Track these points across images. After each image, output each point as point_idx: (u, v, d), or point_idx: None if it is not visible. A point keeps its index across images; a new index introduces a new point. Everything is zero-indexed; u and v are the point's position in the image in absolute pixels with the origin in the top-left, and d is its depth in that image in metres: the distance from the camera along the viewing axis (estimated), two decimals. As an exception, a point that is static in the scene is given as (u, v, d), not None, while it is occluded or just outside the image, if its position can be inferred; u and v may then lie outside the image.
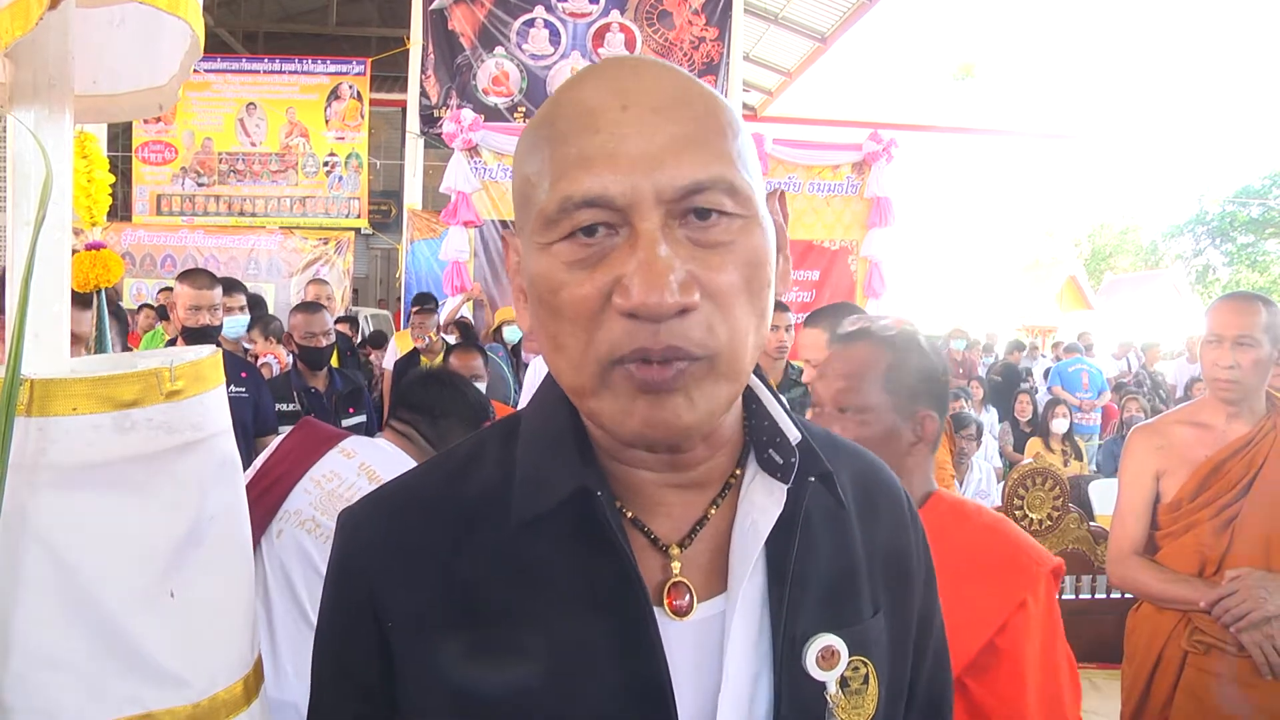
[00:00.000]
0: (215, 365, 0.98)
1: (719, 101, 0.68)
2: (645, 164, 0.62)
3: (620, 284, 0.62)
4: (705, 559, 0.75)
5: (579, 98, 0.66)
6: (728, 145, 0.66)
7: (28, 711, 0.82)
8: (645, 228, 0.62)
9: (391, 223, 14.22)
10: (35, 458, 0.82)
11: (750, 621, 0.74)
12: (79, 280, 1.30)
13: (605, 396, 0.66)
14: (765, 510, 0.74)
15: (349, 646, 0.78)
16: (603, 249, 0.64)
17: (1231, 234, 32.84)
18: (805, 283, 7.44)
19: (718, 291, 0.64)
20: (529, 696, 0.70)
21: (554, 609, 0.72)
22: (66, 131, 0.92)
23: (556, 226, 0.64)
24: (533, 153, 0.68)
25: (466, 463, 0.81)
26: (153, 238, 11.95)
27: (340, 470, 2.09)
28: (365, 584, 0.76)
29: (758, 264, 0.67)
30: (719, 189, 0.64)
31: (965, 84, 30.23)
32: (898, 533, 0.86)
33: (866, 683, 0.77)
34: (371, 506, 0.80)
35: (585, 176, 0.63)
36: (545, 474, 0.73)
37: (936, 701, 0.91)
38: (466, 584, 0.74)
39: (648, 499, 0.75)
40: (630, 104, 0.64)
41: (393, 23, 14.09)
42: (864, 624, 0.79)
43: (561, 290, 0.65)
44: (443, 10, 11.22)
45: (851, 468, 0.86)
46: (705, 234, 0.64)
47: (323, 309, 4.44)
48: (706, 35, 11.45)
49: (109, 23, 1.02)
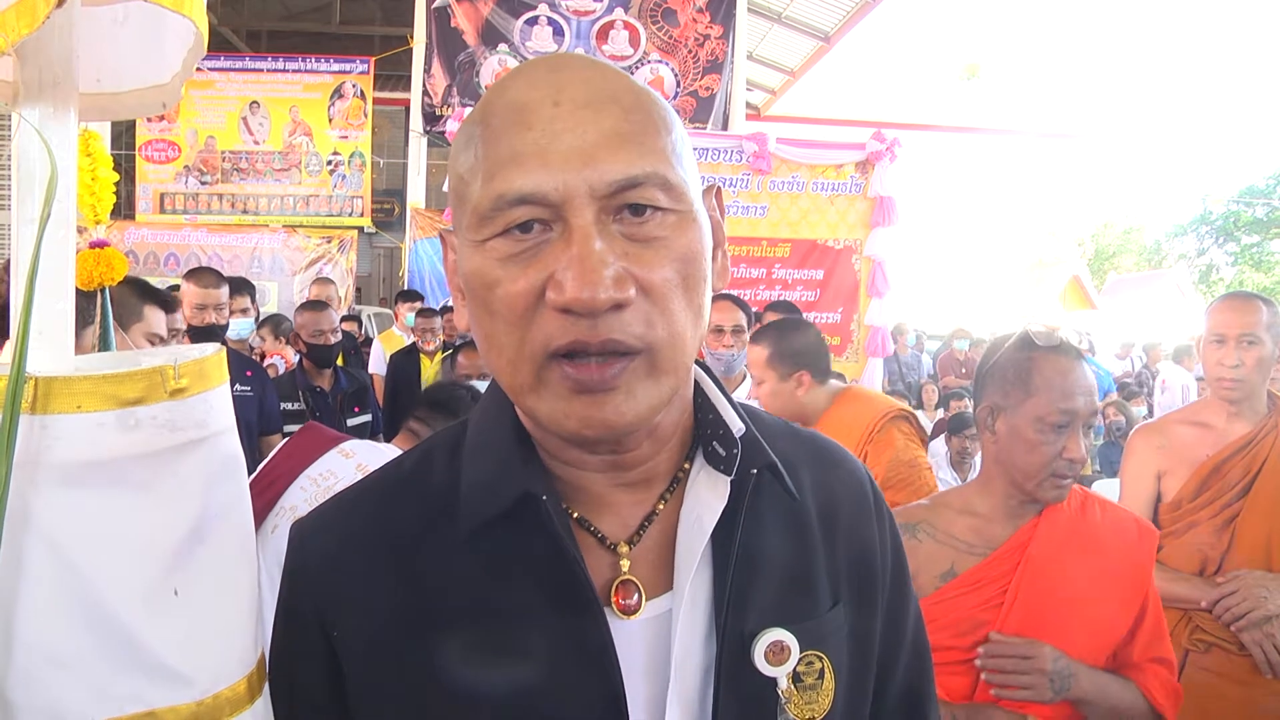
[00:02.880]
0: (219, 363, 0.98)
1: (651, 97, 0.68)
2: (578, 160, 0.62)
3: (554, 279, 0.62)
4: (654, 555, 0.75)
5: (510, 95, 0.66)
6: (661, 141, 0.66)
7: (31, 709, 0.83)
8: (579, 223, 0.62)
9: (395, 221, 14.24)
10: (39, 455, 0.82)
11: (698, 618, 0.74)
12: (83, 278, 1.31)
13: (543, 394, 0.65)
14: (709, 504, 0.74)
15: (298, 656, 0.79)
16: (537, 245, 0.64)
17: (1236, 234, 32.80)
18: (810, 282, 7.42)
19: (652, 287, 0.64)
20: (483, 698, 0.70)
21: (506, 611, 0.72)
22: (71, 129, 0.92)
23: (490, 223, 0.64)
24: (465, 149, 0.68)
25: (415, 470, 0.80)
26: (156, 236, 11.95)
27: (337, 469, 2.10)
28: (313, 597, 0.76)
29: (693, 259, 0.66)
30: (653, 184, 0.64)
31: (971, 84, 30.17)
32: (860, 523, 0.85)
33: (821, 678, 0.76)
34: (322, 518, 0.80)
35: (518, 174, 0.63)
36: (490, 479, 0.73)
37: (916, 691, 0.90)
38: (417, 590, 0.73)
39: (594, 498, 0.75)
40: (562, 100, 0.64)
41: (396, 21, 14.10)
42: (820, 618, 0.78)
43: (496, 287, 0.65)
44: (445, 8, 11.23)
45: (812, 459, 0.85)
46: (640, 229, 0.64)
47: (329, 307, 4.44)
48: (711, 33, 11.45)
49: (113, 20, 1.02)
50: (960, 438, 5.28)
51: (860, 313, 7.45)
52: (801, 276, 7.42)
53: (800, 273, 7.42)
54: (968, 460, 5.31)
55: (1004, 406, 1.69)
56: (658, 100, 0.69)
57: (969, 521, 1.74)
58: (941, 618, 1.65)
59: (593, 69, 0.67)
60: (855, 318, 7.47)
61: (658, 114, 0.67)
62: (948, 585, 1.68)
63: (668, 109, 0.69)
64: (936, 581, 1.69)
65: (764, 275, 7.28)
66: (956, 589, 1.67)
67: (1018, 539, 1.69)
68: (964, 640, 1.65)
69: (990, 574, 1.67)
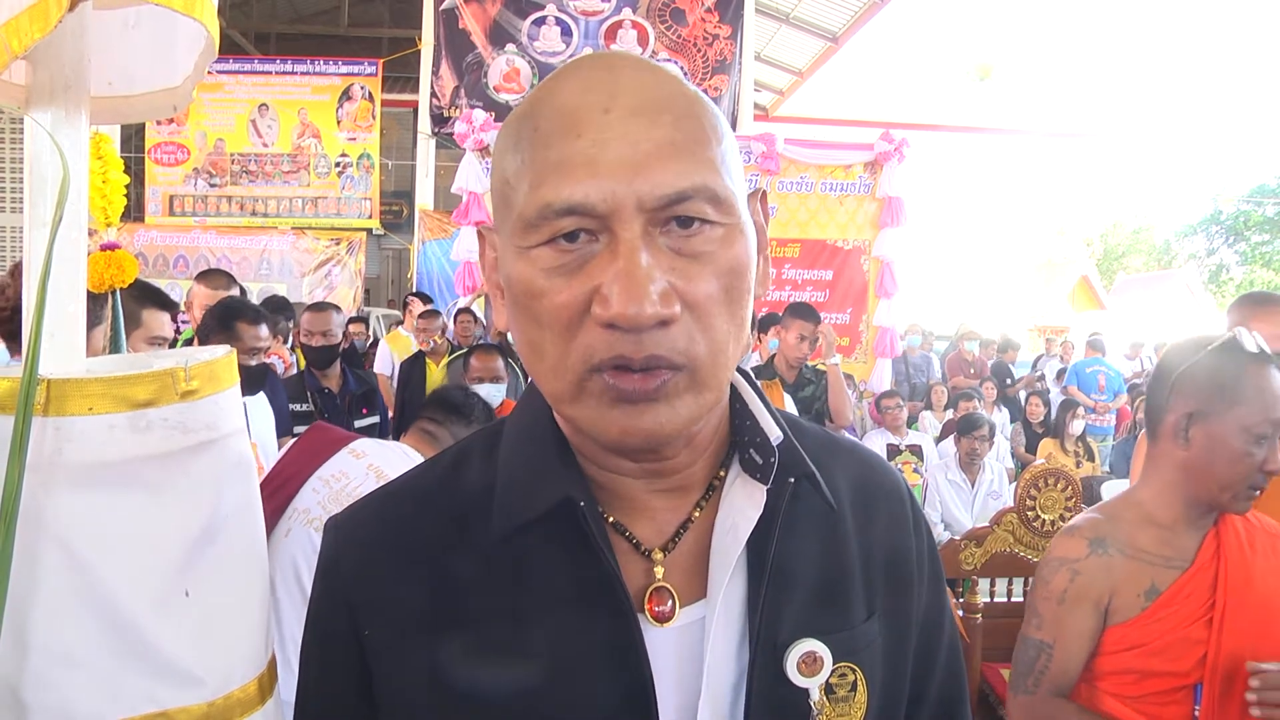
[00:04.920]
0: (230, 365, 0.98)
1: (703, 103, 0.67)
2: (627, 171, 0.61)
3: (600, 293, 0.61)
4: (689, 563, 0.74)
5: (561, 99, 0.65)
6: (711, 151, 0.65)
7: (44, 709, 0.83)
8: (626, 236, 0.61)
9: (403, 223, 14.25)
10: (52, 457, 0.83)
11: (731, 627, 0.73)
12: (94, 281, 1.31)
13: (585, 403, 0.65)
14: (745, 513, 0.73)
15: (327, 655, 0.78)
16: (582, 256, 0.63)
17: (1245, 233, 32.64)
18: (819, 282, 7.41)
19: (697, 303, 0.63)
20: (512, 703, 0.70)
21: (539, 615, 0.71)
22: (83, 133, 0.92)
23: (536, 231, 0.63)
24: (512, 152, 0.67)
25: (451, 471, 0.80)
26: (165, 238, 12.01)
27: (349, 470, 2.10)
28: (345, 595, 0.76)
29: (738, 273, 0.66)
30: (702, 198, 0.63)
31: (983, 85, 30.09)
32: (897, 534, 0.84)
33: (854, 690, 0.75)
34: (356, 516, 0.80)
35: (566, 183, 0.62)
36: (528, 482, 0.73)
37: (951, 704, 0.89)
38: (453, 591, 0.73)
39: (631, 503, 0.75)
40: (613, 107, 0.63)
41: (404, 23, 14.12)
42: (854, 629, 0.77)
43: (541, 298, 0.64)
44: (453, 9, 11.25)
45: (850, 468, 0.84)
46: (687, 243, 0.63)
47: (330, 308, 4.45)
48: (719, 33, 11.44)
49: (124, 24, 1.02)
50: (970, 439, 5.25)
51: (869, 313, 7.44)
52: (811, 277, 7.42)
53: (810, 273, 7.42)
54: (977, 461, 5.28)
55: (1204, 414, 1.60)
56: (709, 107, 0.67)
57: (1154, 533, 1.66)
58: (1154, 640, 1.58)
59: (647, 72, 0.66)
60: (864, 318, 7.46)
61: (709, 122, 0.66)
62: (1155, 605, 1.60)
63: (718, 116, 0.68)
64: (1142, 601, 1.61)
65: (774, 275, 7.28)
66: (1164, 607, 1.59)
67: (1208, 549, 1.62)
68: (1180, 664, 1.56)
69: (1192, 588, 1.60)
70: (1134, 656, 1.60)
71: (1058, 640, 1.64)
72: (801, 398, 4.39)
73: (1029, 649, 1.67)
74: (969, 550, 3.06)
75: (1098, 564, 1.63)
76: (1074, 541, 1.67)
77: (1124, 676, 1.61)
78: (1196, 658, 1.56)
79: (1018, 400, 8.78)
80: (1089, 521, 1.71)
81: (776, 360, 4.51)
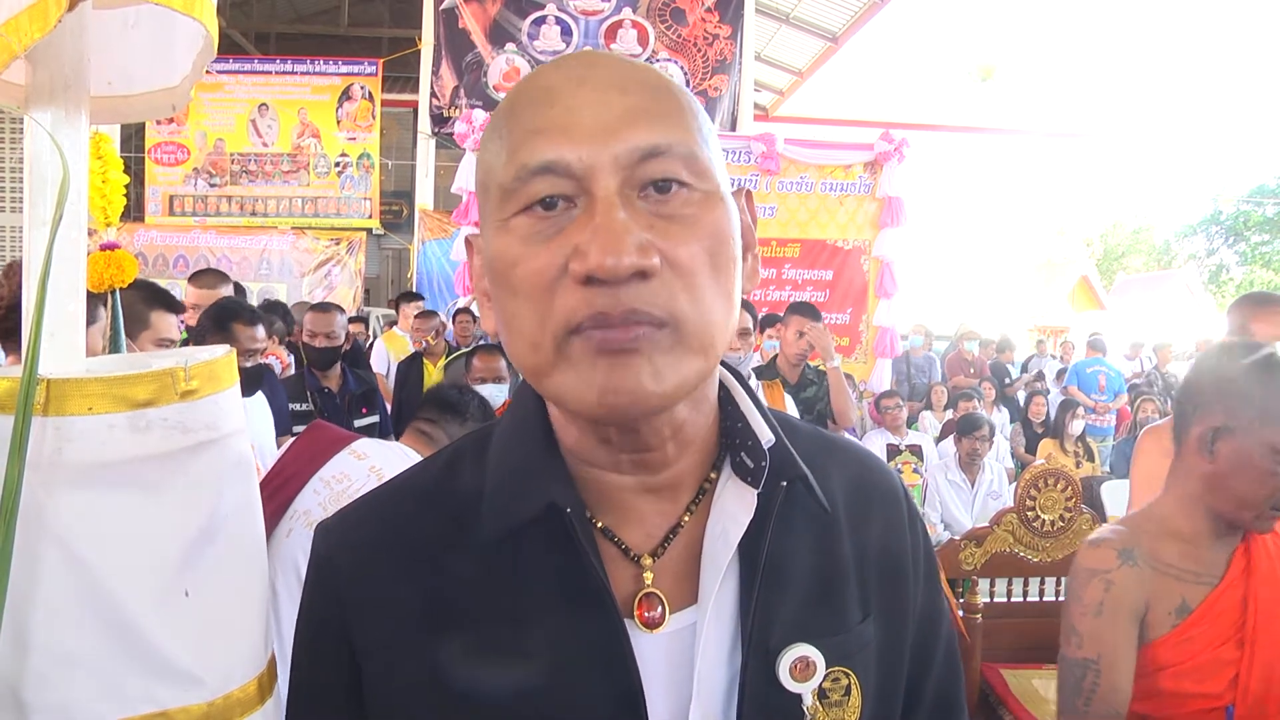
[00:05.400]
0: (229, 365, 0.98)
1: (680, 88, 0.68)
2: (602, 133, 0.62)
3: (577, 250, 0.61)
4: (679, 568, 0.74)
5: (537, 81, 0.66)
6: (686, 120, 0.65)
7: (45, 709, 0.83)
8: (602, 194, 0.61)
9: (403, 223, 14.25)
10: (52, 457, 0.83)
11: (723, 632, 0.72)
12: (94, 280, 1.31)
13: (565, 370, 0.63)
14: (735, 517, 0.72)
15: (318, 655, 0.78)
16: (559, 222, 0.63)
17: (1245, 233, 32.64)
18: (819, 282, 7.41)
19: (678, 262, 0.62)
20: (500, 708, 0.69)
21: (537, 616, 0.71)
22: (83, 133, 0.92)
23: (514, 197, 0.63)
24: (492, 139, 0.67)
25: (443, 474, 0.79)
26: (165, 238, 12.02)
27: (350, 471, 2.09)
28: (336, 597, 0.75)
29: (721, 239, 0.65)
30: (676, 155, 0.63)
31: (985, 85, 30.06)
32: (892, 533, 0.83)
33: (848, 694, 0.75)
34: (347, 519, 0.79)
35: (541, 144, 0.62)
36: (515, 488, 0.72)
37: (947, 701, 0.89)
38: (439, 595, 0.73)
39: (620, 507, 0.74)
40: (587, 79, 0.64)
41: (404, 23, 14.11)
42: (848, 632, 0.76)
43: (518, 265, 0.63)
44: (453, 9, 11.25)
45: (845, 468, 0.83)
46: (665, 206, 0.63)
47: (334, 309, 4.45)
48: (719, 33, 11.44)
49: (124, 24, 1.02)
50: (970, 439, 5.25)
51: (869, 313, 7.44)
52: (811, 277, 7.42)
53: (810, 273, 7.41)
54: (977, 462, 5.28)
55: (1232, 429, 1.55)
56: (687, 92, 0.68)
57: (1177, 546, 1.60)
58: (1185, 661, 1.53)
59: (624, 62, 0.67)
60: (864, 318, 7.45)
61: (685, 101, 0.67)
62: (1185, 623, 1.55)
63: (694, 100, 0.69)
64: (1172, 618, 1.55)
65: (774, 275, 7.28)
66: (1195, 626, 1.54)
67: (1238, 565, 1.57)
68: (1211, 686, 1.51)
69: (1222, 606, 1.55)
70: (1163, 678, 1.54)
71: (1102, 655, 1.55)
72: (804, 398, 4.38)
73: (1073, 670, 1.58)
74: (969, 550, 3.05)
75: (1130, 574, 1.58)
76: (1102, 552, 1.62)
77: (1151, 701, 1.56)
78: (1228, 679, 1.52)
79: (1016, 400, 8.79)
80: (1114, 533, 1.66)
81: (778, 361, 4.51)
